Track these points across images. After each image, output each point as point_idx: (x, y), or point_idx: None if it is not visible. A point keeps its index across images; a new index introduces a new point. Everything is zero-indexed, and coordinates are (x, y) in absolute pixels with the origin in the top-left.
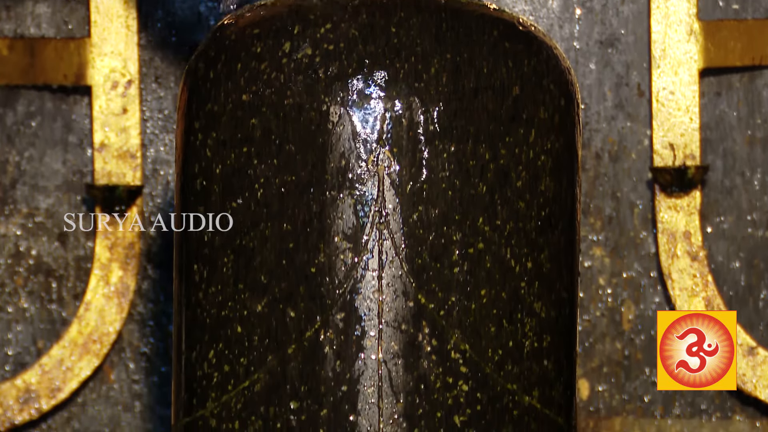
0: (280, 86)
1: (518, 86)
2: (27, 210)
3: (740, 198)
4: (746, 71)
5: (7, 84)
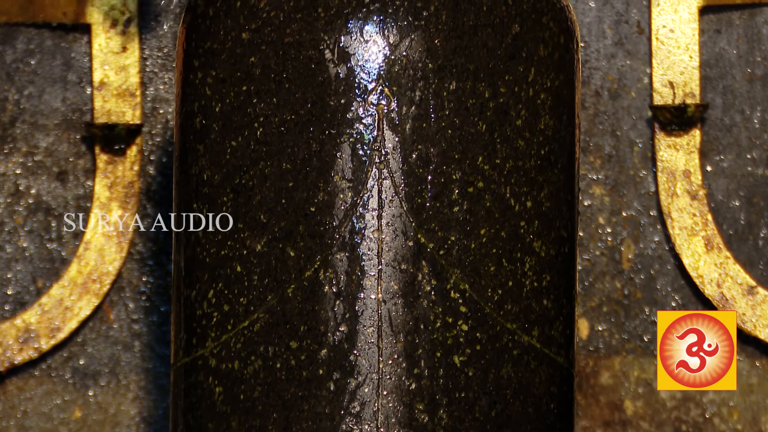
0: (279, 24)
1: (518, 24)
2: (26, 148)
3: (740, 136)
4: (746, 8)
5: (6, 21)
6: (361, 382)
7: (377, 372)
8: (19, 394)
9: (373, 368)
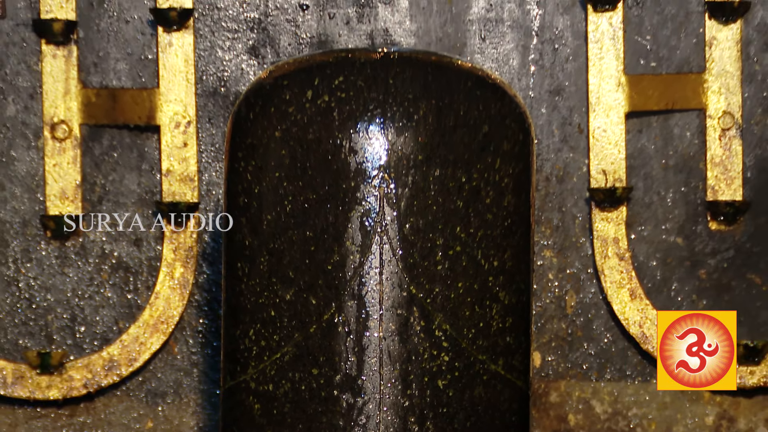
0: (304, 124)
1: (487, 125)
2: (110, 221)
3: (657, 211)
4: (661, 113)
5: (95, 123)
6: (366, 401)
7: (379, 393)
8: (104, 409)
9: (375, 390)
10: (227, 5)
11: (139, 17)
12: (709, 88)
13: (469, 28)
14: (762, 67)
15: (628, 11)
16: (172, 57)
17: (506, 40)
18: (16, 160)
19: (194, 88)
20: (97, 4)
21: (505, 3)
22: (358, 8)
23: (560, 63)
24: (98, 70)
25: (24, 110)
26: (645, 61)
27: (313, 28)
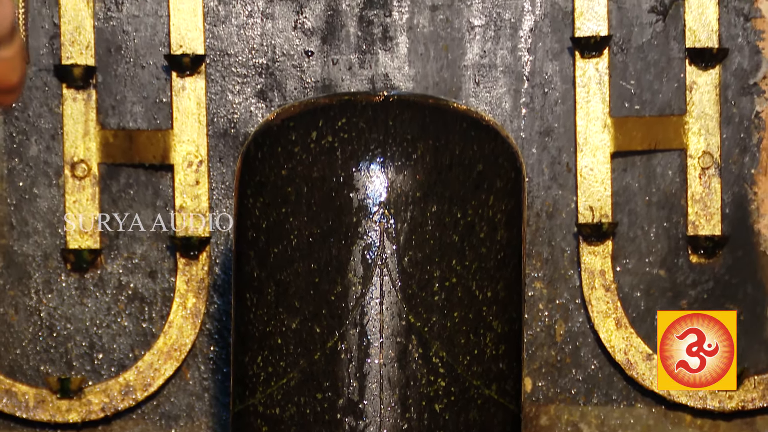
0: (309, 164)
1: (481, 163)
2: (127, 254)
3: (641, 245)
4: (645, 153)
5: (113, 162)
6: (368, 423)
7: (379, 416)
8: (121, 431)
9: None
10: (237, 52)
11: (154, 63)
12: (690, 130)
13: (464, 73)
14: (739, 109)
15: (613, 57)
16: (185, 100)
17: (499, 84)
18: (38, 197)
19: (206, 130)
20: (114, 51)
21: (498, 50)
22: (360, 55)
23: (550, 106)
24: (116, 112)
25: (46, 150)
26: (629, 104)
27: (318, 73)
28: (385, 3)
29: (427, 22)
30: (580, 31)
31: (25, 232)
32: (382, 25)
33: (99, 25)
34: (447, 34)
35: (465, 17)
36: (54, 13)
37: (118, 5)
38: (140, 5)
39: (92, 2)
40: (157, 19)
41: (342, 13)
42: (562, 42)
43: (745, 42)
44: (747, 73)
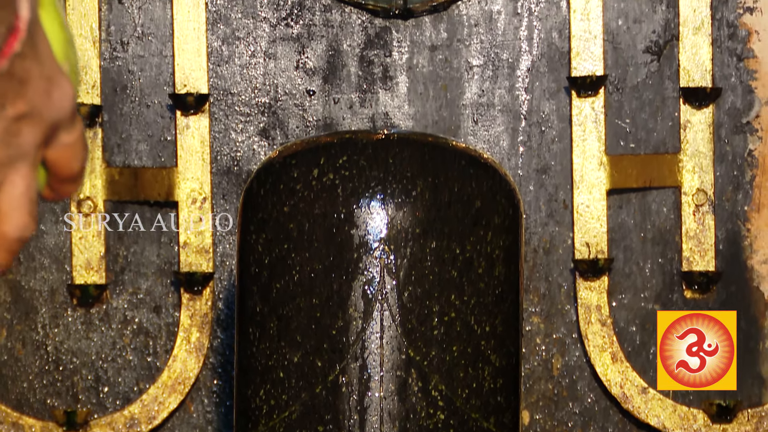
0: (310, 200)
1: (479, 200)
2: (132, 289)
3: (636, 281)
4: (640, 191)
5: (118, 199)
6: None
7: None
8: None
9: None
10: (240, 91)
11: (158, 102)
12: (684, 168)
13: (462, 112)
14: (732, 147)
15: (609, 96)
16: (189, 138)
17: (497, 123)
18: (45, 233)
19: (210, 167)
20: (120, 90)
21: (496, 89)
22: (361, 94)
23: (546, 144)
24: (121, 150)
25: None
26: (625, 143)
27: (319, 112)
28: (385, 43)
29: (426, 62)
30: (576, 71)
31: (33, 267)
32: (382, 65)
33: (105, 65)
34: (446, 74)
35: (464, 57)
36: None
37: (123, 45)
38: (145, 46)
39: (98, 42)
40: (162, 59)
41: (343, 53)
42: (559, 81)
43: (738, 81)
44: (740, 111)
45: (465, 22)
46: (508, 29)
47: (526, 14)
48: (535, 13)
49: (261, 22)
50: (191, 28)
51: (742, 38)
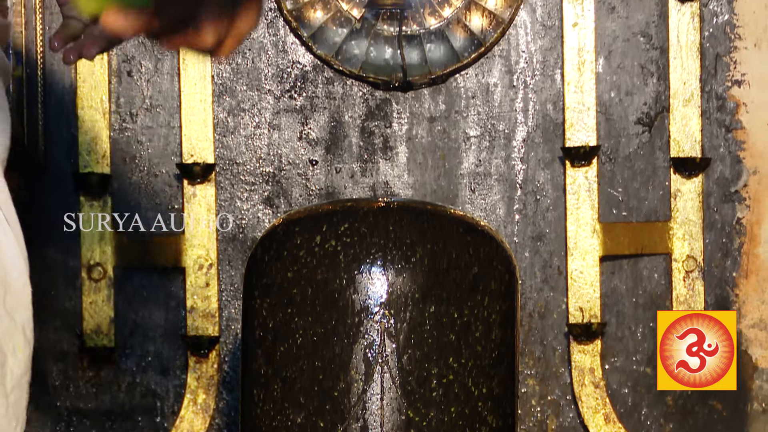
0: (313, 266)
1: (476, 266)
2: (141, 352)
3: (628, 344)
4: (632, 257)
5: (127, 265)
6: None
7: None
8: None
9: None
10: (245, 161)
11: (166, 171)
12: (675, 235)
13: (460, 181)
14: (721, 216)
15: (602, 166)
16: (196, 206)
17: (493, 191)
18: (56, 298)
19: (215, 234)
20: (129, 160)
21: (493, 159)
22: (362, 164)
23: (541, 212)
24: (130, 218)
25: (64, 254)
26: (617, 211)
27: (322, 181)
28: (385, 115)
29: (425, 133)
30: (570, 142)
31: (44, 330)
32: (382, 136)
33: (114, 135)
34: (444, 144)
35: (461, 128)
36: (72, 124)
37: (132, 117)
38: (153, 117)
39: (108, 114)
40: (170, 130)
41: (345, 124)
42: (553, 152)
43: (727, 152)
44: (728, 181)
45: (462, 94)
46: (504, 101)
47: (521, 87)
48: (530, 85)
49: (265, 94)
50: (198, 100)
51: (730, 110)
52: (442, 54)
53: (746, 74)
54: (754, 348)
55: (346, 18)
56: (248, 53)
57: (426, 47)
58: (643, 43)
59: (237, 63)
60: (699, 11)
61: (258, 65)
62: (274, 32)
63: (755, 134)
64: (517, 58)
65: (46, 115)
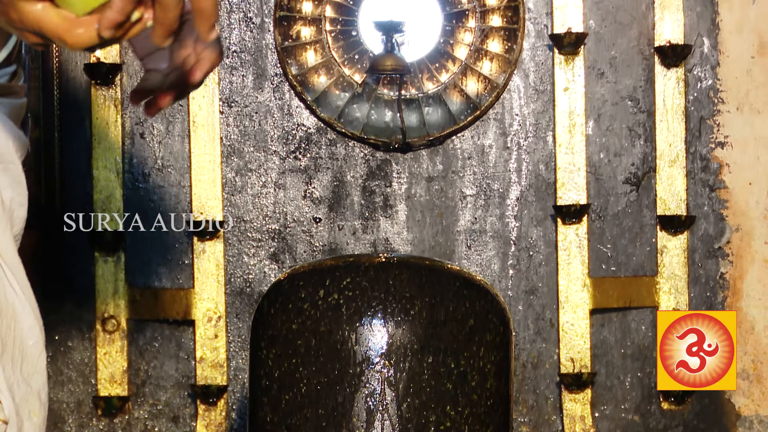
0: (317, 319)
1: (473, 318)
2: (152, 401)
3: (617, 393)
4: (620, 310)
5: (140, 318)
6: None
7: None
8: None
9: None
10: (252, 218)
11: (177, 228)
12: (661, 289)
13: (457, 237)
14: (705, 271)
15: (591, 224)
16: (205, 262)
17: (488, 248)
18: (72, 349)
19: (224, 288)
20: (141, 217)
21: (488, 217)
22: (363, 221)
23: (534, 267)
24: (142, 273)
25: (79, 307)
26: (606, 266)
27: (325, 238)
28: (385, 174)
29: (423, 192)
30: (561, 200)
31: (60, 380)
32: (383, 195)
33: (128, 194)
34: (441, 203)
35: (458, 188)
36: (87, 183)
37: (145, 176)
38: (165, 177)
39: (122, 174)
40: (180, 189)
41: (347, 183)
42: (546, 210)
43: (711, 210)
44: (712, 238)
45: (459, 155)
46: (499, 162)
47: (515, 148)
48: (523, 147)
49: (272, 155)
50: (207, 161)
51: (714, 170)
52: (439, 117)
53: (729, 136)
54: (737, 397)
55: (348, 83)
56: (255, 116)
57: (424, 110)
58: (630, 107)
59: (245, 125)
60: (684, 76)
61: (264, 127)
62: (280, 96)
63: (738, 193)
64: (511, 120)
65: (62, 175)
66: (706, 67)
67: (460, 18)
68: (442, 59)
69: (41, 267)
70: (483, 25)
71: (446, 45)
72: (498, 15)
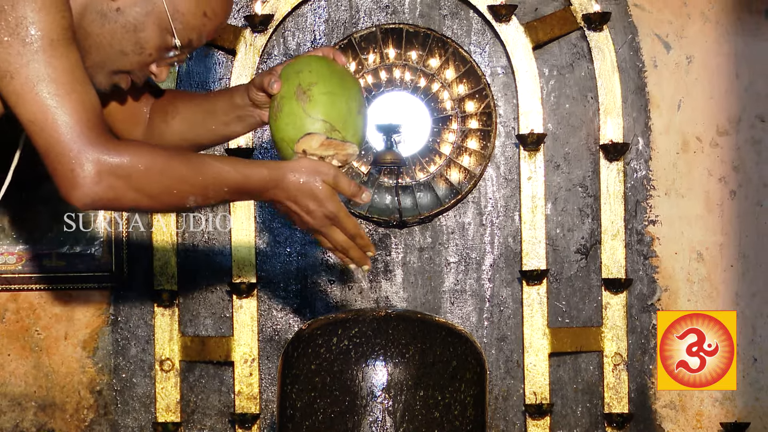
0: (331, 360)
1: (455, 360)
2: (200, 426)
3: (570, 420)
4: (573, 354)
5: (190, 360)
6: None
7: None
8: None
9: None
10: (280, 281)
11: (220, 288)
12: (605, 337)
13: (443, 296)
14: (640, 322)
15: (550, 285)
16: (242, 315)
17: (468, 304)
18: (136, 384)
19: (257, 336)
20: (191, 279)
21: (467, 279)
22: (368, 283)
23: (504, 320)
24: (192, 324)
25: (142, 351)
26: (562, 318)
27: (338, 296)
28: (386, 246)
29: (416, 260)
30: (526, 266)
31: (127, 410)
32: (384, 262)
33: (180, 261)
34: (430, 268)
35: (443, 256)
36: (149, 253)
37: (195, 246)
38: (210, 246)
39: (176, 245)
40: (223, 257)
41: None
42: (513, 274)
43: (645, 274)
44: (646, 296)
45: (444, 230)
46: (476, 235)
47: (489, 225)
48: (495, 224)
49: (295, 231)
50: (244, 234)
51: (647, 242)
52: (429, 200)
53: (659, 215)
54: (666, 423)
55: (356, 172)
56: None
57: (417, 195)
58: (581, 192)
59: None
60: (623, 168)
61: None
62: None
63: (666, 261)
64: (486, 203)
65: (128, 247)
66: (640, 160)
67: (445, 122)
68: (431, 154)
69: (111, 322)
70: (463, 127)
71: (434, 143)
72: (475, 119)
